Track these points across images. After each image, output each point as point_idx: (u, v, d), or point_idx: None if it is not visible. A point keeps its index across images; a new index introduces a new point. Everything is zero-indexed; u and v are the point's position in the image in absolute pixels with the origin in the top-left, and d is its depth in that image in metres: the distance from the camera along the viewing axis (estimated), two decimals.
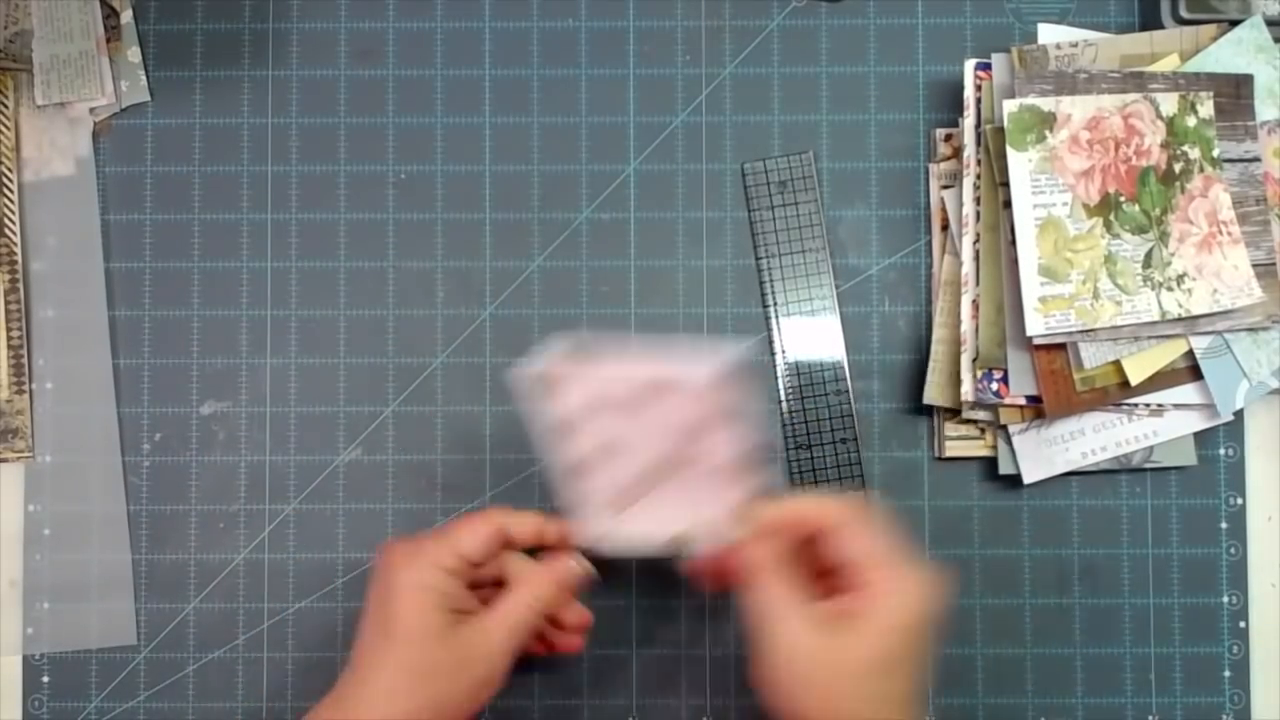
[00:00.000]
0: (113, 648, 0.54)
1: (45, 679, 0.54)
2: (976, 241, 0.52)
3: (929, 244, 0.55)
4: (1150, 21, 0.54)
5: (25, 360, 0.55)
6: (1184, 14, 0.53)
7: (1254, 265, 0.51)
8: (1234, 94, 0.51)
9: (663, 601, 0.54)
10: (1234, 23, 0.52)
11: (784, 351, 0.55)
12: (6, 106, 0.55)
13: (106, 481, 0.55)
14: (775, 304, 0.55)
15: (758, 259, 0.55)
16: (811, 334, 0.55)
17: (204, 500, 0.55)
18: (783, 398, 0.54)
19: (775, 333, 0.55)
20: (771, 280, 0.55)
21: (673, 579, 0.53)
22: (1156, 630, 0.54)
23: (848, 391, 0.54)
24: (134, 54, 0.56)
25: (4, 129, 0.55)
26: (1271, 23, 0.53)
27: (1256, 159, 0.51)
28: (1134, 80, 0.51)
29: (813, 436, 0.54)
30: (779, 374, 0.54)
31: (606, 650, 0.54)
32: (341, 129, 0.56)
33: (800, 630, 0.40)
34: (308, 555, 0.55)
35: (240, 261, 0.56)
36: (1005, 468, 0.53)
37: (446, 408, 0.55)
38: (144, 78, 0.56)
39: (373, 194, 0.56)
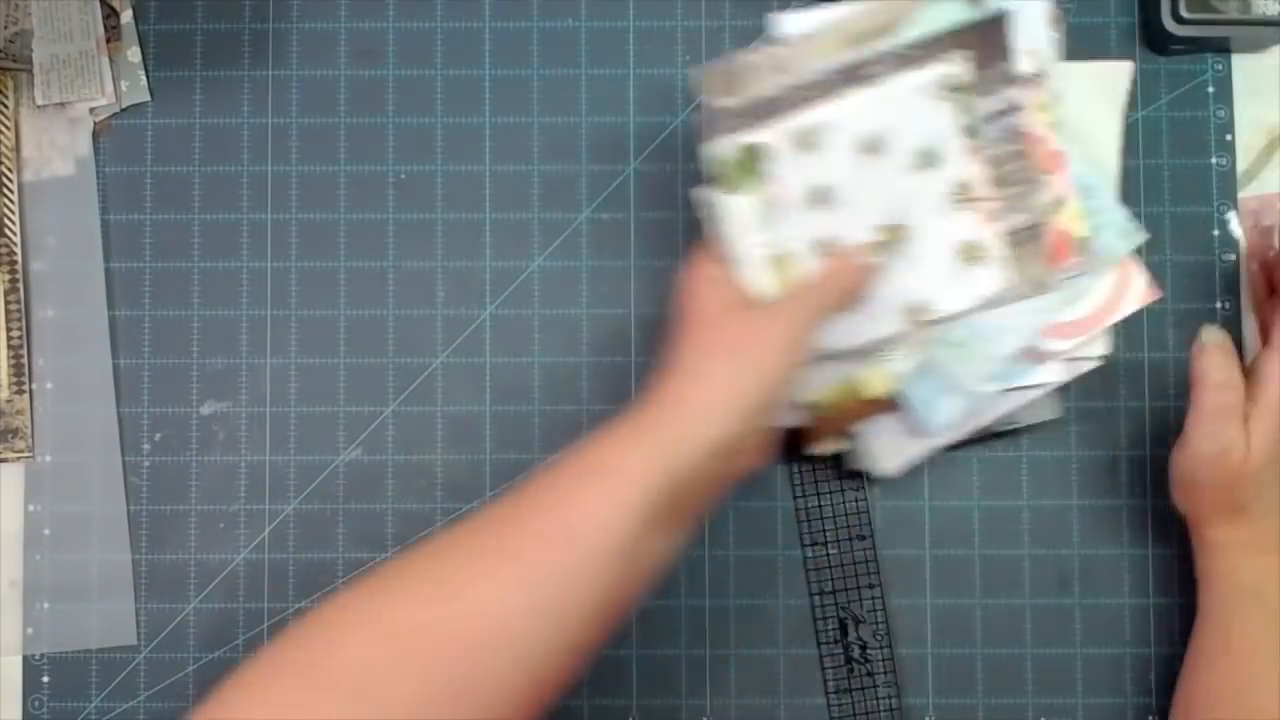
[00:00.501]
0: (113, 648, 0.54)
1: (45, 679, 0.54)
2: None
3: None
4: (1150, 22, 0.54)
5: (25, 360, 0.55)
6: (1184, 14, 0.53)
7: (1016, 231, 0.47)
8: (981, 43, 0.46)
9: (664, 602, 0.54)
10: (1234, 23, 0.52)
11: None
12: (6, 106, 0.55)
13: (106, 481, 0.55)
14: None
15: None
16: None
17: (204, 500, 0.55)
18: None
19: None
20: None
21: (673, 578, 0.53)
22: (1156, 630, 0.54)
23: None
24: (134, 54, 0.56)
25: (4, 129, 0.55)
26: (1271, 23, 0.53)
27: (1018, 108, 0.46)
28: (848, 77, 0.46)
29: None
30: None
31: (606, 650, 0.54)
32: (341, 129, 0.56)
33: None
34: (308, 555, 0.55)
35: (240, 261, 0.56)
36: (860, 463, 0.52)
37: (446, 408, 0.55)
38: (144, 78, 0.56)
39: (373, 194, 0.56)
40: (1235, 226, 0.55)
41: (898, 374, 0.48)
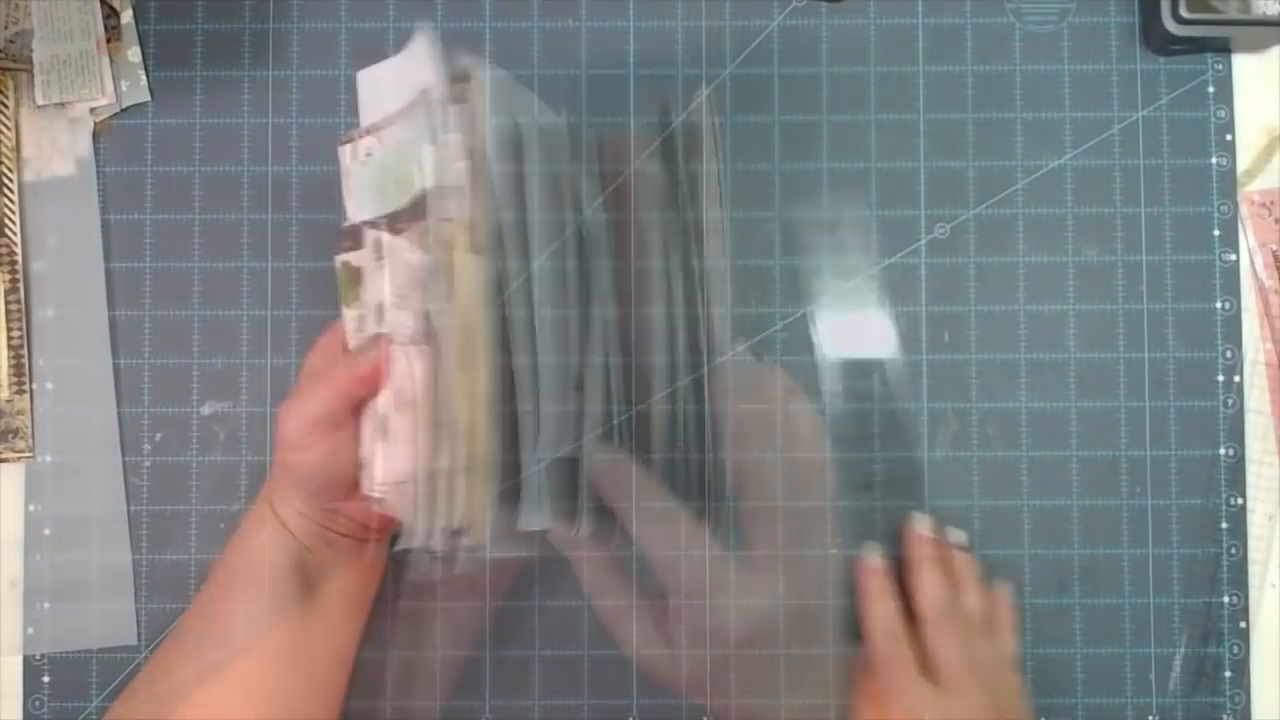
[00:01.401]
0: (113, 648, 0.54)
1: (45, 679, 0.54)
2: None
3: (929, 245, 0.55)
4: (1150, 22, 0.54)
5: (25, 360, 0.55)
6: (1184, 14, 0.53)
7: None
8: None
9: (663, 602, 0.54)
10: (1234, 23, 0.52)
11: (825, 353, 0.55)
12: (6, 106, 0.55)
13: (106, 481, 0.55)
14: (810, 306, 0.55)
15: (788, 259, 0.55)
16: (852, 335, 0.55)
17: (204, 500, 0.55)
18: (826, 400, 0.55)
19: (813, 333, 0.55)
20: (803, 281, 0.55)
21: None
22: (1156, 630, 0.54)
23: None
24: (134, 54, 0.56)
25: (4, 129, 0.55)
26: (1271, 23, 0.53)
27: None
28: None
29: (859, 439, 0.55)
30: (820, 374, 0.54)
31: (606, 650, 0.54)
32: (342, 129, 0.56)
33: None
34: None
35: (240, 261, 0.56)
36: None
37: None
38: (144, 78, 0.56)
39: None
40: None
41: None
